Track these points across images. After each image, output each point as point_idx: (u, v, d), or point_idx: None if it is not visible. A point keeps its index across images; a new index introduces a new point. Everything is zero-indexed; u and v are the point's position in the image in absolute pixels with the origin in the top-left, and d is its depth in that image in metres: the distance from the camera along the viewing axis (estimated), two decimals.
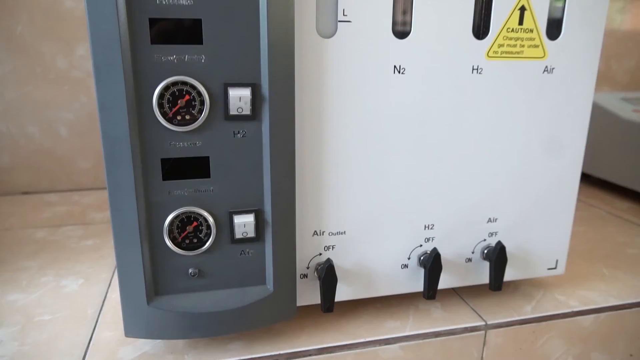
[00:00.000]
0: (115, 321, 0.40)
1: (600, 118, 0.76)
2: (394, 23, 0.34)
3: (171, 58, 0.30)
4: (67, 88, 0.72)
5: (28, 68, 0.70)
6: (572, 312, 0.43)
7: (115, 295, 0.44)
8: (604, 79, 0.93)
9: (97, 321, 0.40)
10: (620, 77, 0.94)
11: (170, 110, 0.31)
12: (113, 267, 0.49)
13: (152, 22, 0.29)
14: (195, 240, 0.34)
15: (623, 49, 0.92)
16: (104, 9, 0.28)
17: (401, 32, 0.35)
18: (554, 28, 0.38)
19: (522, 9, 0.36)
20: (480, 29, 0.36)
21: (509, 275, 0.43)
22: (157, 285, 0.34)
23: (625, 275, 0.49)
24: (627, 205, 0.70)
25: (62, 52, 0.70)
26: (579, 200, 0.73)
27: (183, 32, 0.30)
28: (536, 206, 0.42)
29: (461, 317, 0.41)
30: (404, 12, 0.35)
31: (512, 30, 0.36)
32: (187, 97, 0.30)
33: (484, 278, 0.42)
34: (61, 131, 0.73)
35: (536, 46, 0.37)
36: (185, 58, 0.30)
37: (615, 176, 0.75)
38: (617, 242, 0.57)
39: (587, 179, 0.84)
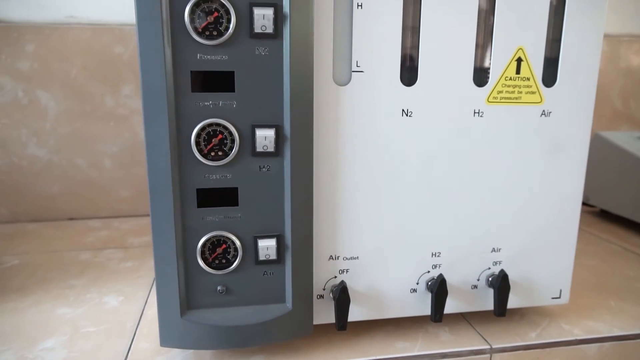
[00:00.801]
0: (150, 334, 0.44)
1: (616, 156, 0.78)
2: (402, 72, 0.39)
3: (207, 103, 0.35)
4: (113, 124, 0.79)
5: (80, 106, 0.77)
6: (576, 340, 0.45)
7: (151, 311, 0.48)
8: (623, 118, 0.95)
9: (135, 334, 0.44)
10: (639, 116, 0.96)
11: (206, 147, 0.36)
12: (149, 286, 0.54)
13: (193, 74, 0.34)
14: (224, 261, 0.38)
15: None
16: (154, 62, 0.33)
17: (408, 80, 0.39)
18: (549, 76, 0.41)
19: (519, 60, 0.40)
20: (481, 78, 0.40)
21: (514, 302, 0.45)
22: (189, 300, 0.38)
23: (632, 307, 0.51)
24: None
25: (109, 92, 0.77)
26: (594, 235, 0.74)
27: (218, 82, 0.35)
28: (538, 238, 0.44)
29: (468, 341, 0.44)
30: (411, 63, 0.39)
31: (510, 78, 0.40)
32: (220, 136, 0.35)
33: (490, 304, 0.45)
34: (106, 163, 0.80)
35: (533, 92, 0.41)
36: (219, 103, 0.35)
37: (631, 213, 0.76)
38: (627, 276, 0.59)
39: (605, 215, 0.86)
